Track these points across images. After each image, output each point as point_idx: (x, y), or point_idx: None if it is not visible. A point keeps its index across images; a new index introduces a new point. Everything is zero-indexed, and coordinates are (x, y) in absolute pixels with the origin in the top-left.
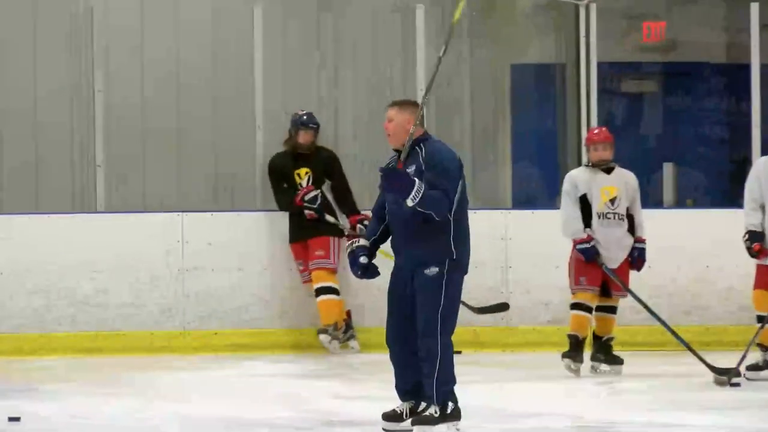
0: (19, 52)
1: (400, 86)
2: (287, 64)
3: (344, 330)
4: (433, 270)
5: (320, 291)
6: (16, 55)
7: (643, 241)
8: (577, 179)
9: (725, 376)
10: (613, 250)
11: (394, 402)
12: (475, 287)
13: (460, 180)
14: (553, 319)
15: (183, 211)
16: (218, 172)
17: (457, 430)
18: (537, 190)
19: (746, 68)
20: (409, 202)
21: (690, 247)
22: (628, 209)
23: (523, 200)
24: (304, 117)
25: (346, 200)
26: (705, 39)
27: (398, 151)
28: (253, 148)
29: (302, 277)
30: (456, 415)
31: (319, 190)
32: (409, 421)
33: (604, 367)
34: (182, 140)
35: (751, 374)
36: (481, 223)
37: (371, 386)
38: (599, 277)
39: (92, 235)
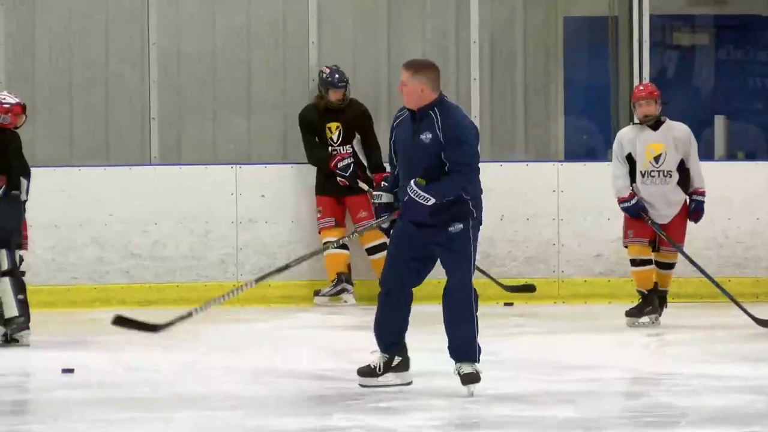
0: (93, 14)
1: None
2: (340, 18)
3: (338, 282)
4: (458, 227)
5: (373, 250)
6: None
7: (700, 193)
8: (623, 138)
9: (766, 326)
10: (660, 206)
11: (434, 354)
12: (527, 239)
13: (477, 147)
14: (604, 271)
15: (237, 164)
16: (273, 125)
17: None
18: (589, 143)
19: None
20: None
21: (740, 200)
22: (683, 162)
23: (575, 153)
24: (334, 76)
25: (372, 157)
26: None
27: (412, 111)
28: (306, 102)
29: (320, 223)
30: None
31: (351, 159)
32: (389, 376)
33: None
34: (235, 95)
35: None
36: (534, 176)
37: (416, 338)
38: (648, 229)
39: (146, 188)
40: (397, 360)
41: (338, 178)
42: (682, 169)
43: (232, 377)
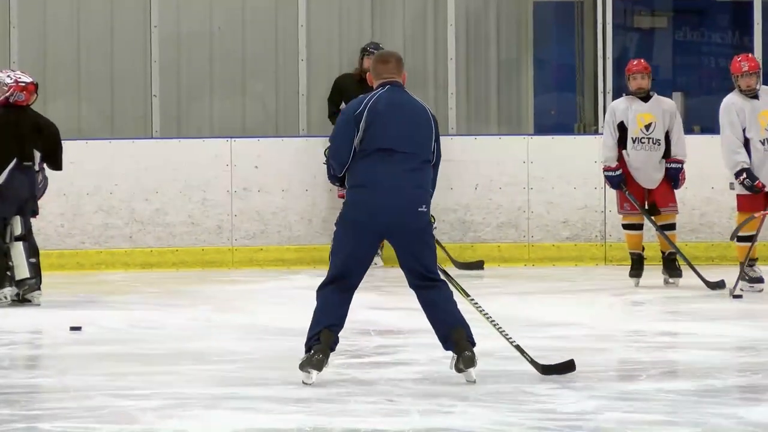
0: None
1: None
2: (327, 3)
3: None
4: (424, 209)
5: None
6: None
7: (677, 161)
8: (616, 108)
9: (715, 289)
10: (649, 172)
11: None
12: (500, 206)
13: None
14: (571, 236)
15: (231, 137)
16: (265, 101)
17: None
18: (556, 117)
19: (749, 5)
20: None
21: (696, 170)
22: (667, 134)
23: (544, 127)
24: (369, 44)
25: None
26: None
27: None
28: (296, 80)
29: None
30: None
31: None
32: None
33: (670, 280)
34: (230, 73)
35: (756, 286)
36: (506, 148)
37: (404, 298)
38: (640, 200)
39: (149, 160)
40: None
41: None
42: (667, 139)
43: (229, 334)
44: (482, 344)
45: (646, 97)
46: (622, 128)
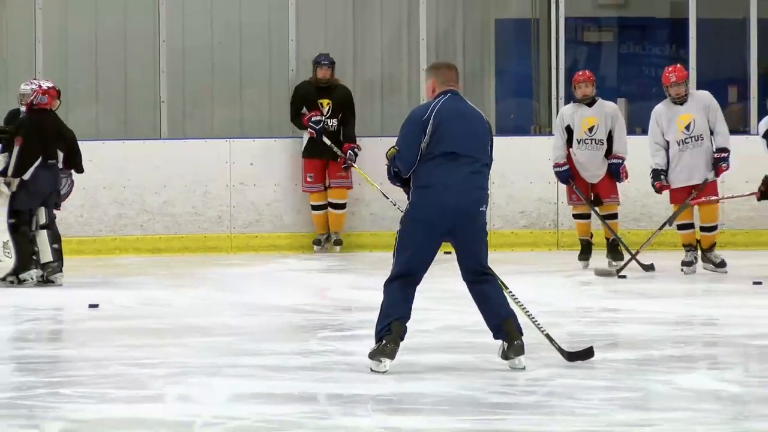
0: (114, 18)
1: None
2: (315, 21)
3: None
4: (484, 209)
5: (341, 205)
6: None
7: (618, 158)
8: (564, 113)
9: (648, 270)
10: (592, 168)
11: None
12: None
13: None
14: (527, 224)
15: (230, 138)
16: (260, 106)
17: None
18: (515, 121)
19: (685, 22)
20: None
21: (638, 166)
22: (610, 134)
23: (505, 129)
24: (319, 56)
25: (346, 130)
26: None
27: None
28: (287, 88)
29: (307, 188)
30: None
31: (323, 117)
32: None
33: (613, 263)
34: (229, 82)
35: (687, 269)
36: None
37: (382, 279)
38: (585, 193)
39: (157, 158)
40: None
41: (308, 129)
42: (610, 138)
43: (229, 311)
44: (452, 320)
45: (591, 103)
46: (569, 131)
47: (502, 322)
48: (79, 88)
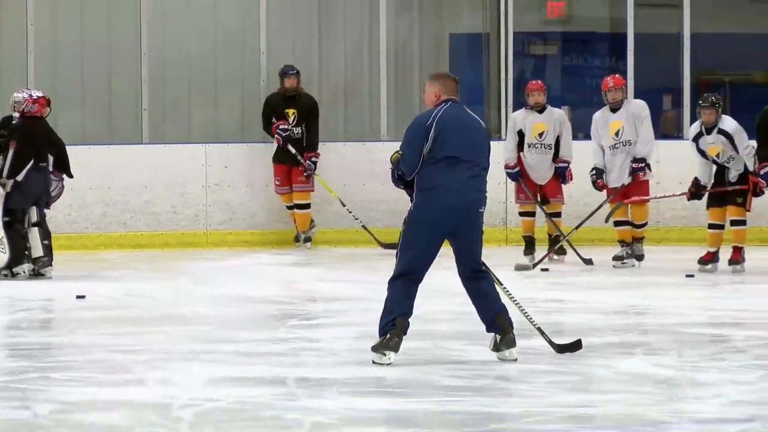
0: (99, 32)
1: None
2: (283, 34)
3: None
4: (483, 210)
5: (305, 206)
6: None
7: (564, 162)
8: (516, 118)
9: (588, 264)
10: (541, 171)
11: (361, 285)
12: None
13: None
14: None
15: (206, 142)
16: (233, 114)
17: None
18: None
19: (624, 36)
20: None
21: (581, 169)
22: (558, 138)
23: None
24: (285, 66)
25: (309, 139)
26: (594, 14)
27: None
28: (259, 96)
29: (278, 190)
30: None
31: (290, 127)
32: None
33: (554, 257)
34: (205, 91)
35: (616, 263)
36: None
37: (345, 272)
38: (534, 193)
39: (139, 161)
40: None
41: (275, 136)
42: (558, 143)
43: (205, 301)
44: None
45: (541, 110)
46: (521, 135)
47: (496, 316)
48: (67, 96)
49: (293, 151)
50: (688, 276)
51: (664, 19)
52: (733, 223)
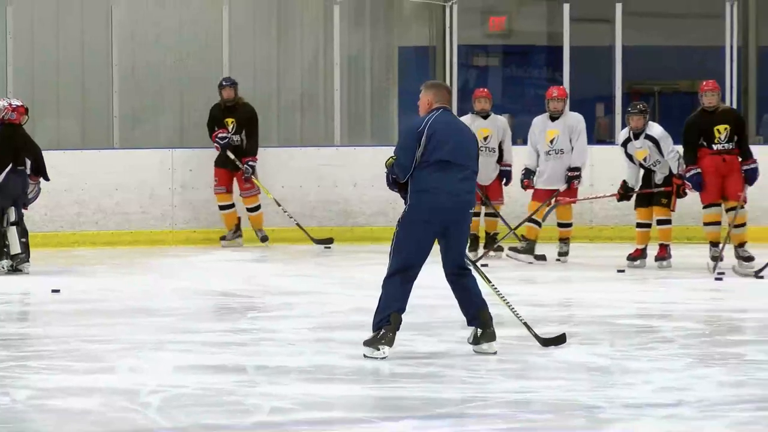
0: (74, 45)
1: (322, 59)
2: (245, 46)
3: (236, 231)
4: (473, 211)
5: (255, 209)
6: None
7: (507, 165)
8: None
9: (540, 260)
10: (486, 173)
11: (316, 280)
12: (372, 199)
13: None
14: None
15: (173, 148)
16: (198, 121)
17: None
18: None
19: (560, 49)
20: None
21: (520, 172)
22: (501, 143)
23: None
24: (222, 79)
25: (248, 145)
26: (532, 28)
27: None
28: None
29: (216, 189)
30: None
31: (228, 135)
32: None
33: (492, 254)
34: (172, 100)
35: (511, 253)
36: (377, 156)
37: (301, 268)
38: (478, 194)
39: (111, 165)
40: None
41: (215, 144)
42: (501, 148)
43: (171, 295)
44: (362, 302)
45: (486, 116)
46: None
47: (478, 312)
48: (44, 104)
49: (232, 156)
50: (619, 271)
51: (598, 33)
52: (660, 222)
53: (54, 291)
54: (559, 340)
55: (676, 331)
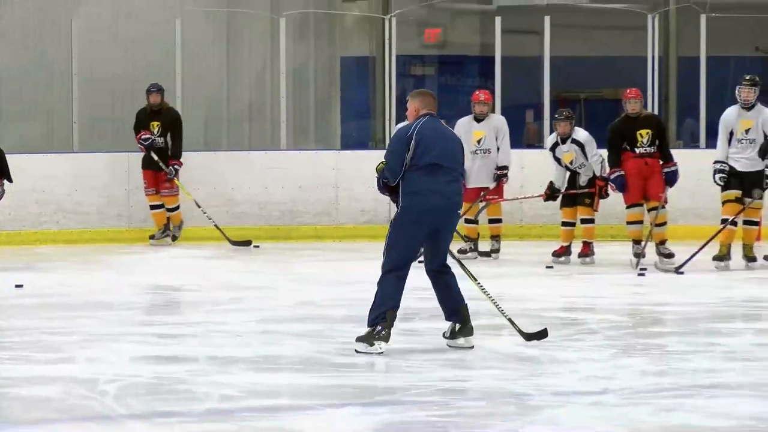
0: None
1: (269, 69)
2: (196, 59)
3: (165, 231)
4: (460, 211)
5: (174, 209)
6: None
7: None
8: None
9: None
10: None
11: (263, 276)
12: (318, 200)
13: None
14: (368, 220)
15: (129, 152)
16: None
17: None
18: (358, 138)
19: (492, 58)
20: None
21: None
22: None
23: (348, 144)
24: (150, 85)
25: (173, 148)
26: (466, 40)
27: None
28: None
29: (146, 192)
30: None
31: (152, 136)
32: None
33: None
34: (128, 107)
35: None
36: (321, 159)
37: (249, 265)
38: None
39: (70, 168)
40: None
41: (139, 145)
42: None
43: (128, 290)
44: (306, 297)
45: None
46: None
47: (460, 308)
48: (10, 110)
49: (156, 158)
50: (547, 267)
51: (527, 44)
52: (583, 221)
53: (17, 286)
54: (542, 334)
55: (601, 323)
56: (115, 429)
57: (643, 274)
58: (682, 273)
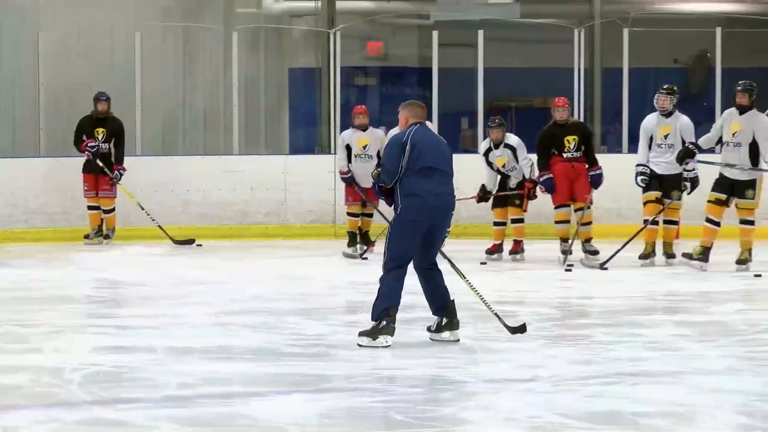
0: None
1: (221, 79)
2: (155, 68)
3: (98, 232)
4: (453, 211)
5: (111, 210)
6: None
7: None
8: (344, 136)
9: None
10: (366, 177)
11: (218, 272)
12: (267, 200)
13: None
14: (314, 219)
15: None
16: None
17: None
18: (306, 143)
19: (430, 70)
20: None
21: None
22: (379, 152)
23: (297, 149)
24: (97, 93)
25: (117, 154)
26: (406, 52)
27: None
28: (134, 119)
29: (86, 195)
30: None
31: (97, 143)
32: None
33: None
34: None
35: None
36: (267, 163)
37: (211, 263)
38: (358, 195)
39: (38, 170)
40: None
41: (86, 153)
42: (379, 155)
43: (91, 284)
44: (257, 290)
45: (365, 128)
46: (348, 149)
47: (447, 303)
48: None
49: (101, 164)
50: (481, 263)
51: (463, 56)
52: (513, 221)
53: None
54: (522, 329)
55: (532, 315)
56: (80, 414)
57: (570, 270)
58: (606, 269)
